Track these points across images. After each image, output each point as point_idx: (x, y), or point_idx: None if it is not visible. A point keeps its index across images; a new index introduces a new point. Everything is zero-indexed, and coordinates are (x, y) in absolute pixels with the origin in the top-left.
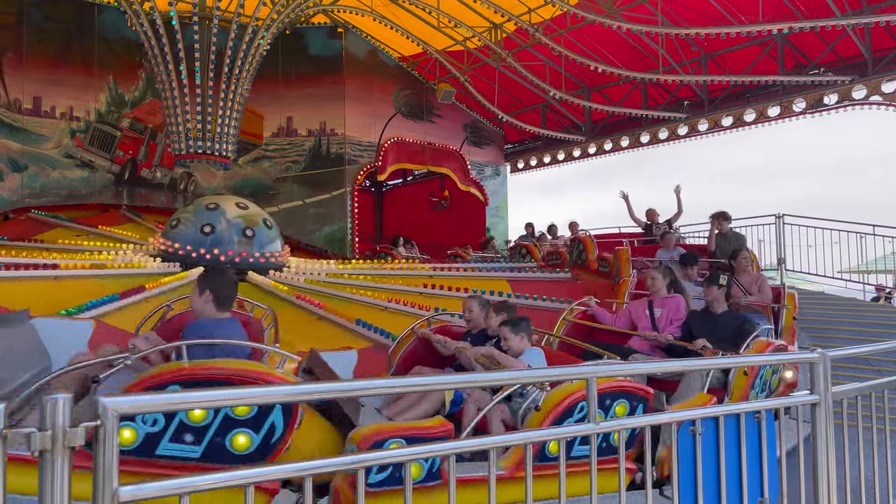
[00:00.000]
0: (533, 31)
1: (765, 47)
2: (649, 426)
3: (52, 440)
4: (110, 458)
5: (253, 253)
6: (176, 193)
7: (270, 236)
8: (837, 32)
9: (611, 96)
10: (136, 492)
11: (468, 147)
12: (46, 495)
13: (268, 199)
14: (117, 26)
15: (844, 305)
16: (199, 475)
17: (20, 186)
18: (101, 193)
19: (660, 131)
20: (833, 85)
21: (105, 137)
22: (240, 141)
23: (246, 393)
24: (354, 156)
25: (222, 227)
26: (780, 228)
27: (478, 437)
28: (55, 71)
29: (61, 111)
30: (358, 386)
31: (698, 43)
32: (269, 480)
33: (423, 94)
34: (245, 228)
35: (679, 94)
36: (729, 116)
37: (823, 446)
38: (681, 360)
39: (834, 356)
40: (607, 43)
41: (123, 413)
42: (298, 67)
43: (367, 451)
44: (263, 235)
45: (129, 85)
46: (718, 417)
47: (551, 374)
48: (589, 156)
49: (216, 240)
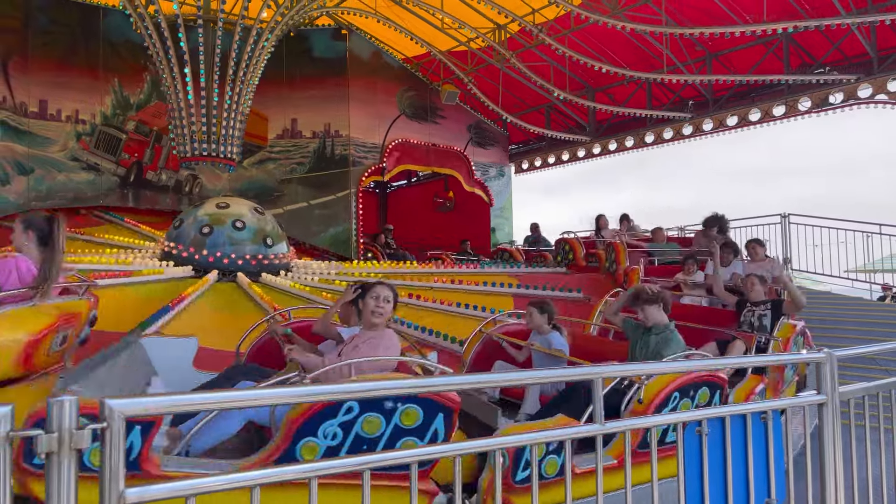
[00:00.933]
0: (537, 32)
1: (770, 46)
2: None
3: (58, 442)
4: (117, 459)
5: (265, 255)
6: (181, 195)
7: (278, 238)
8: (843, 31)
9: (615, 96)
10: (142, 494)
11: (472, 148)
12: (53, 497)
13: (273, 200)
14: (122, 29)
15: (851, 305)
16: (206, 478)
17: (26, 189)
18: (107, 196)
19: (664, 131)
20: (838, 84)
21: (110, 140)
22: (244, 143)
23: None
24: (359, 157)
25: (231, 230)
26: (785, 228)
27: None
28: (60, 74)
29: (67, 114)
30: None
31: (703, 42)
32: (273, 483)
33: (427, 95)
34: (255, 231)
35: (684, 94)
36: (734, 116)
37: (830, 446)
38: (692, 362)
39: (841, 356)
40: (611, 43)
41: (129, 415)
42: (303, 69)
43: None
44: (272, 237)
45: (135, 88)
46: (725, 418)
47: (561, 375)
48: (593, 156)
49: (227, 242)
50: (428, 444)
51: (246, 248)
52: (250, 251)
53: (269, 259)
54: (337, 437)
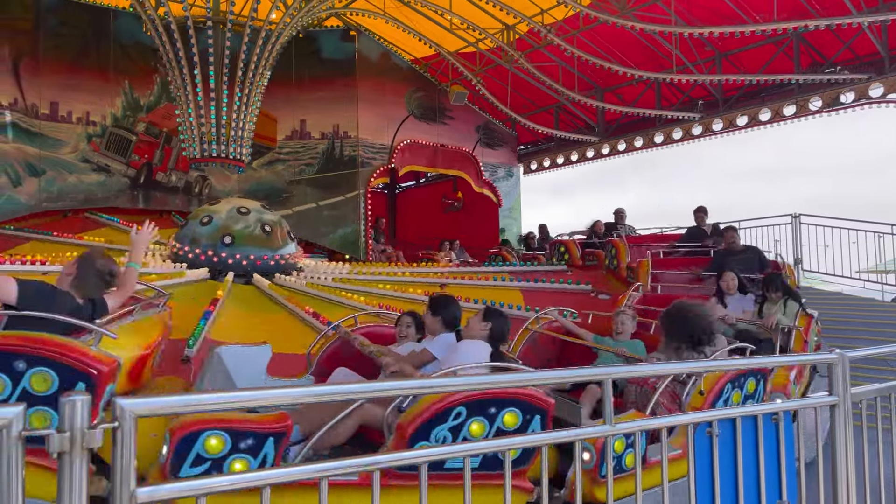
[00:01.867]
0: (545, 32)
1: (780, 46)
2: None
3: (70, 442)
4: (128, 459)
5: (273, 256)
6: (191, 197)
7: (287, 239)
8: (854, 30)
9: (624, 96)
10: (153, 493)
11: (481, 149)
12: (65, 497)
13: (282, 201)
14: (132, 31)
15: (863, 306)
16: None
17: (38, 191)
18: (118, 197)
19: (674, 131)
20: (849, 83)
21: (121, 142)
22: (254, 144)
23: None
24: (367, 158)
25: (243, 231)
26: (796, 228)
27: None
28: (71, 76)
29: (78, 116)
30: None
31: (712, 42)
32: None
33: (435, 96)
34: (266, 232)
35: (693, 94)
36: (744, 116)
37: (843, 448)
38: (696, 362)
39: (853, 357)
40: (620, 43)
41: (141, 415)
42: (311, 70)
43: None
44: (282, 238)
45: (145, 89)
46: (735, 419)
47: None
48: (602, 156)
49: (239, 244)
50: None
51: (259, 250)
52: (263, 252)
53: (285, 259)
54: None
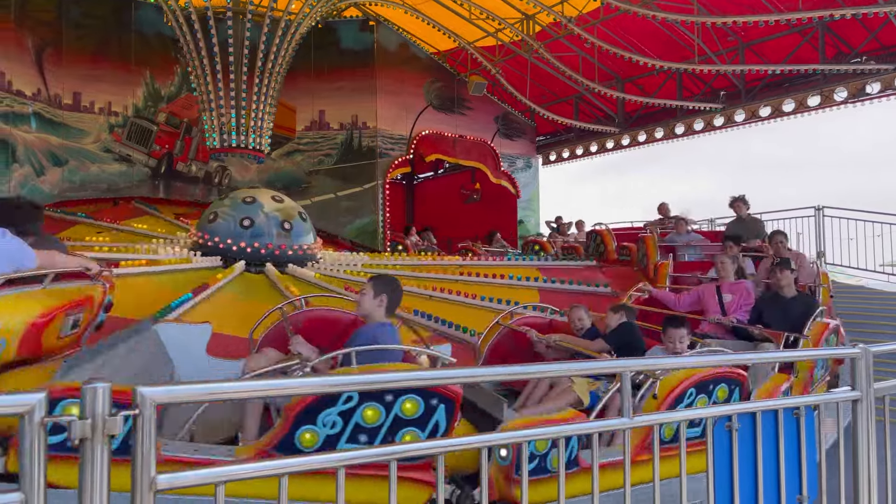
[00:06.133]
0: (566, 23)
1: (804, 35)
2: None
3: (91, 428)
4: (148, 446)
5: (291, 246)
6: (211, 187)
7: (305, 229)
8: (880, 20)
9: (645, 87)
10: (173, 480)
11: (499, 139)
12: (87, 482)
13: (301, 192)
14: (154, 22)
15: (887, 299)
16: (236, 465)
17: (60, 180)
18: (139, 187)
19: (695, 122)
20: (875, 73)
21: (142, 132)
22: (273, 134)
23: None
24: (386, 149)
25: (260, 221)
26: (819, 221)
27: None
28: (94, 66)
29: (100, 106)
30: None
31: (735, 31)
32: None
33: (454, 86)
34: (283, 221)
35: (715, 85)
36: (767, 106)
37: (864, 443)
38: (716, 356)
39: (876, 351)
40: (641, 33)
41: (160, 402)
42: (330, 61)
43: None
44: (300, 228)
45: (165, 80)
46: (756, 413)
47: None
48: (622, 147)
49: (255, 233)
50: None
51: (274, 239)
52: (278, 241)
53: (303, 250)
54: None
